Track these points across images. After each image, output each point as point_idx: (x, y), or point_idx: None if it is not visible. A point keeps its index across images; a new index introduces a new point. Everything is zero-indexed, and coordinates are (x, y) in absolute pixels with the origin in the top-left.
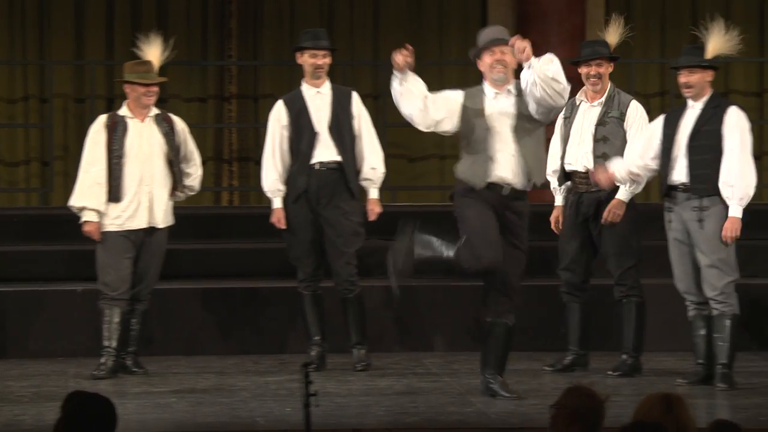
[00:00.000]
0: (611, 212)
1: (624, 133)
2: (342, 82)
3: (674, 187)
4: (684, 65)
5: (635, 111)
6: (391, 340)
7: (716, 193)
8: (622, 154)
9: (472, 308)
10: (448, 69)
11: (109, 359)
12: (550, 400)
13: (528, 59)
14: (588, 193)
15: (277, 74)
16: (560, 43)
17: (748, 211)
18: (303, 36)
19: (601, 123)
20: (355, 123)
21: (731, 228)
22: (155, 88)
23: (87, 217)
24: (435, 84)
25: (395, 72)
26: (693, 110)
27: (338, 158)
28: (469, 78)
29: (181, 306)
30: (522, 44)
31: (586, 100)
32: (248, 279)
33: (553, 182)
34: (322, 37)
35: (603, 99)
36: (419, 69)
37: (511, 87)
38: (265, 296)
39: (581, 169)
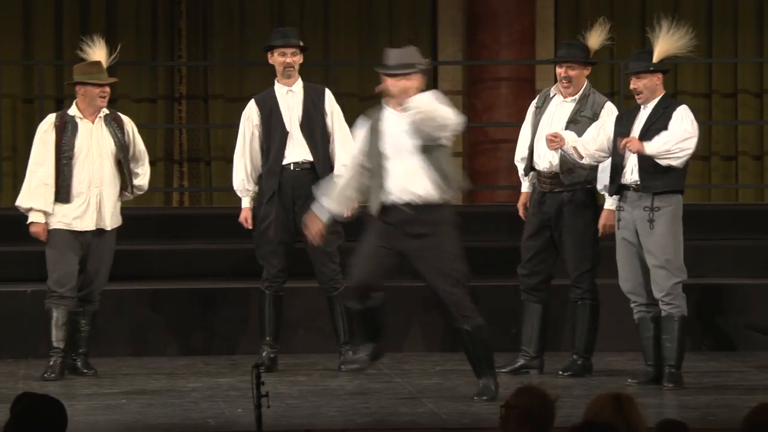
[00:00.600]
0: (604, 226)
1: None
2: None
3: (626, 187)
4: (632, 71)
5: (609, 113)
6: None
7: (667, 189)
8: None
9: (418, 307)
10: None
11: (58, 360)
12: (501, 401)
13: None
14: (551, 193)
15: (227, 75)
16: (510, 44)
17: (695, 212)
18: (273, 35)
19: (572, 121)
20: (328, 120)
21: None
22: (108, 89)
23: (34, 218)
24: None
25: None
26: (645, 111)
27: (310, 158)
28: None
29: (131, 307)
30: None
31: (559, 94)
32: (199, 280)
33: (520, 169)
34: (291, 35)
35: (577, 96)
36: (368, 71)
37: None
38: (216, 297)
39: (548, 167)
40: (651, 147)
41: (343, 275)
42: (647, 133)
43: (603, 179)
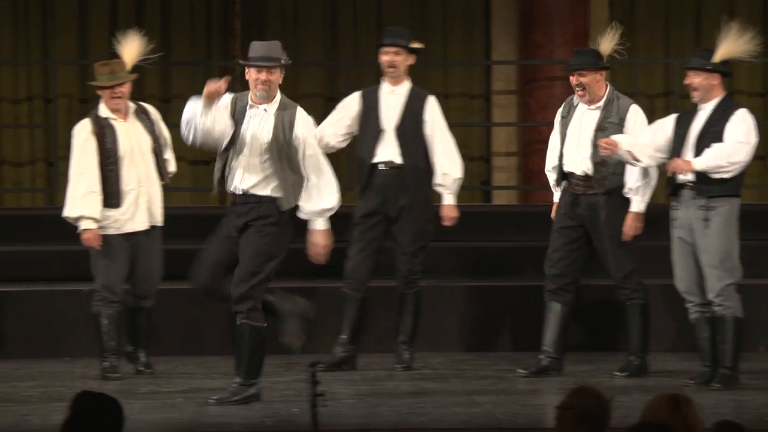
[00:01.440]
0: (633, 227)
1: None
2: (346, 83)
3: (681, 186)
4: (689, 67)
5: (635, 116)
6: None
7: (723, 194)
8: (619, 161)
9: (480, 308)
10: (452, 69)
11: (113, 361)
12: (556, 401)
13: None
14: (585, 195)
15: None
16: (564, 43)
17: (752, 211)
18: (382, 33)
19: (600, 128)
20: (426, 128)
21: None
22: (121, 89)
23: (85, 225)
24: (439, 84)
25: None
26: (704, 112)
27: (399, 160)
28: (473, 77)
29: (188, 306)
30: None
31: (583, 102)
32: None
33: (551, 179)
34: (397, 35)
35: (602, 103)
36: (423, 69)
37: (272, 105)
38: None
39: (579, 173)
40: (700, 163)
41: (422, 275)
42: (705, 136)
43: (630, 182)
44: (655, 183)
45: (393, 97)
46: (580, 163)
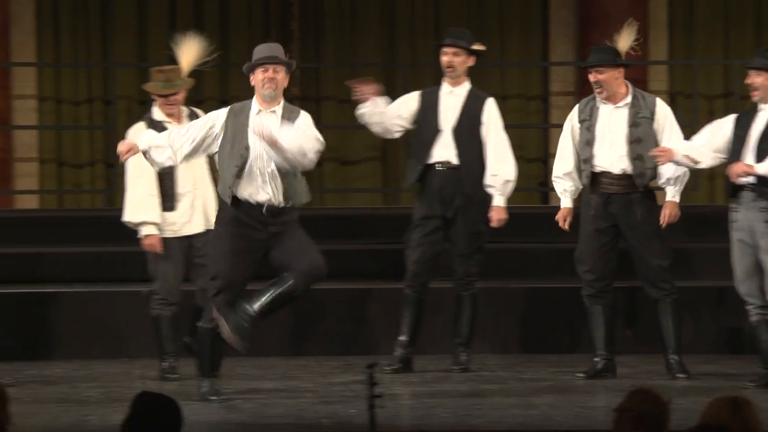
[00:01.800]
0: (670, 215)
1: (654, 133)
2: (403, 84)
3: (741, 188)
4: (751, 66)
5: (663, 108)
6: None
7: None
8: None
9: (538, 310)
10: (510, 70)
11: (172, 362)
12: (614, 403)
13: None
14: (618, 195)
15: (339, 76)
16: None
17: None
18: (444, 33)
19: (633, 124)
20: (483, 129)
21: None
22: (175, 97)
23: (147, 230)
24: (496, 86)
25: None
26: (764, 113)
27: (456, 161)
28: (530, 78)
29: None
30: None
31: (606, 102)
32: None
33: (563, 184)
34: (456, 35)
35: (629, 100)
36: (481, 71)
37: (278, 108)
38: (329, 298)
39: (617, 171)
40: (763, 168)
41: (478, 276)
42: (766, 137)
43: (666, 173)
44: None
45: (452, 98)
46: (617, 161)
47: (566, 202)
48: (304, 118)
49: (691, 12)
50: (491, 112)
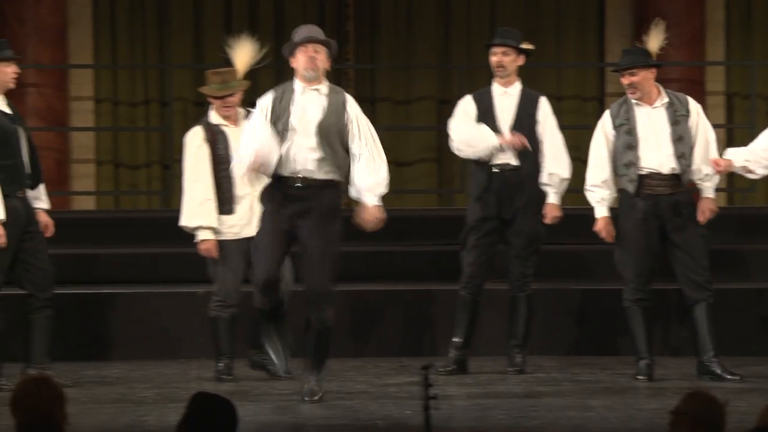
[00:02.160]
0: (708, 211)
1: (690, 130)
2: (459, 85)
3: None
4: None
5: (695, 107)
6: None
7: None
8: (692, 152)
9: (594, 311)
10: (565, 71)
11: (228, 363)
12: (670, 405)
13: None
14: (664, 195)
15: (394, 77)
16: (679, 45)
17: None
18: (493, 33)
19: (674, 123)
20: (539, 128)
21: None
22: (231, 99)
23: (203, 235)
24: (552, 87)
25: None
26: None
27: (516, 162)
28: (586, 79)
29: (302, 308)
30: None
31: (642, 103)
32: (367, 282)
33: (601, 193)
34: (505, 35)
35: (666, 100)
36: (536, 71)
37: (323, 86)
38: (384, 299)
39: (666, 171)
40: None
41: (533, 277)
42: None
43: (702, 169)
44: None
45: (506, 99)
46: (665, 161)
47: (603, 212)
48: (351, 104)
49: (748, 13)
50: (546, 111)
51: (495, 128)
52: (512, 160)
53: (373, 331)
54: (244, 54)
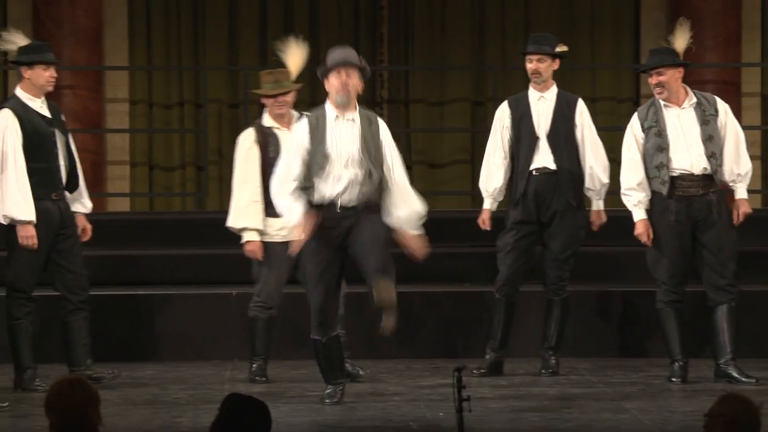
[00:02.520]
0: (742, 213)
1: (719, 129)
2: (493, 87)
3: None
4: None
5: (723, 105)
6: None
7: None
8: (723, 152)
9: (629, 313)
10: (600, 72)
11: (261, 363)
12: (705, 408)
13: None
14: (697, 196)
15: (427, 79)
16: (715, 47)
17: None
18: (528, 39)
19: (704, 123)
20: (578, 132)
21: None
22: (284, 98)
23: (249, 236)
24: (587, 88)
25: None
26: None
27: (553, 166)
28: (621, 80)
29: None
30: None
31: (670, 104)
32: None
33: (637, 196)
34: (541, 41)
35: (695, 100)
36: (571, 73)
37: (356, 114)
38: (417, 300)
39: (698, 172)
40: None
41: (569, 281)
42: None
43: (735, 169)
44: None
45: (543, 104)
46: (696, 161)
47: (641, 214)
48: (384, 130)
49: None
50: (584, 114)
51: (532, 133)
52: (550, 165)
53: (407, 333)
54: (296, 56)
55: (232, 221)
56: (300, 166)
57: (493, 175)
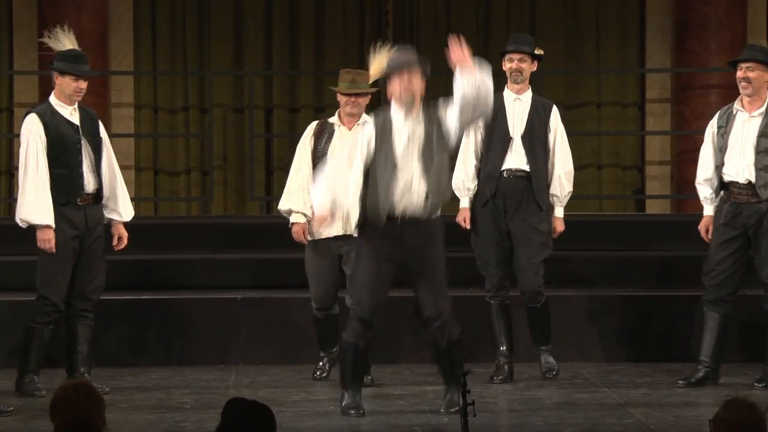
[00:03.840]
0: None
1: None
2: (495, 89)
3: None
4: None
5: None
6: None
7: None
8: None
9: (633, 317)
10: (606, 77)
11: (328, 361)
12: (711, 412)
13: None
14: (748, 204)
15: (433, 82)
16: (720, 51)
17: None
18: (508, 39)
19: (763, 134)
20: (551, 137)
21: None
22: (358, 99)
23: (294, 219)
24: (593, 93)
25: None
26: None
27: (526, 167)
28: (627, 85)
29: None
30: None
31: (743, 109)
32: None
33: (704, 191)
34: (521, 41)
35: (763, 109)
36: (577, 78)
37: (420, 113)
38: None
39: (743, 180)
40: None
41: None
42: None
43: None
44: None
45: (518, 105)
46: (743, 170)
47: (708, 210)
48: (440, 108)
49: None
50: (557, 119)
51: (507, 133)
52: (523, 166)
53: (412, 338)
54: (380, 62)
55: (282, 203)
56: (356, 167)
57: (470, 174)
